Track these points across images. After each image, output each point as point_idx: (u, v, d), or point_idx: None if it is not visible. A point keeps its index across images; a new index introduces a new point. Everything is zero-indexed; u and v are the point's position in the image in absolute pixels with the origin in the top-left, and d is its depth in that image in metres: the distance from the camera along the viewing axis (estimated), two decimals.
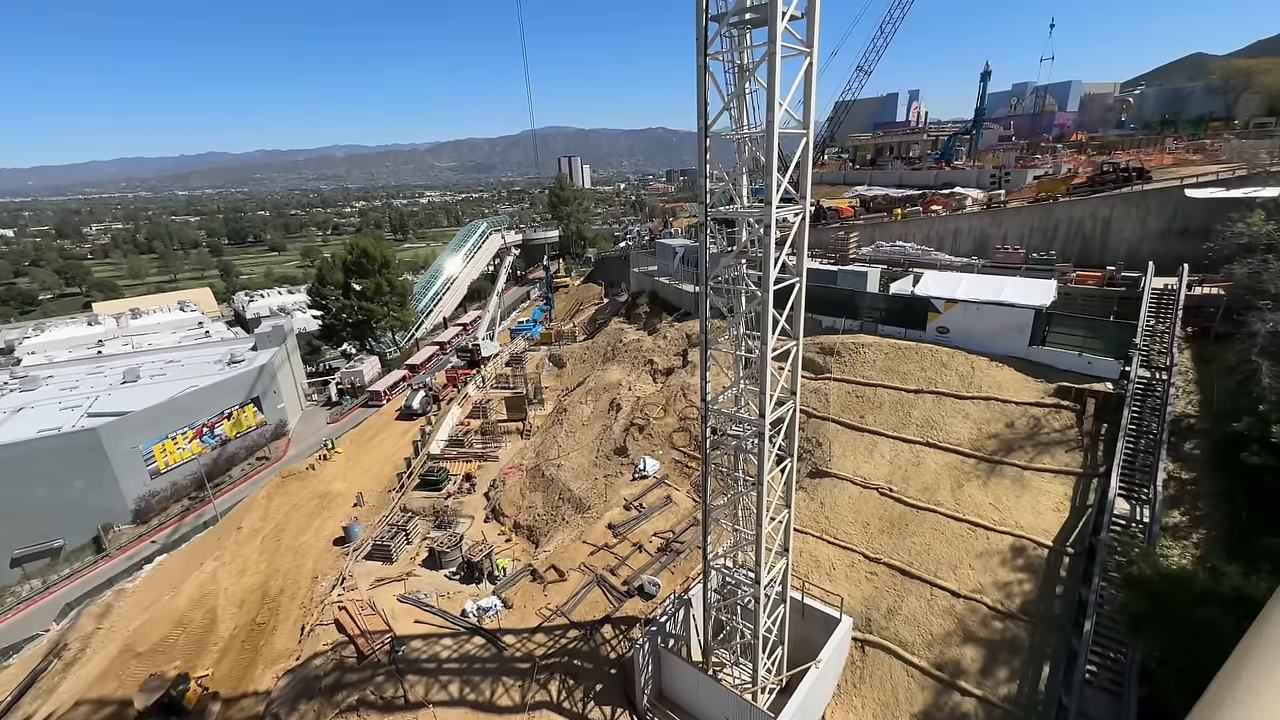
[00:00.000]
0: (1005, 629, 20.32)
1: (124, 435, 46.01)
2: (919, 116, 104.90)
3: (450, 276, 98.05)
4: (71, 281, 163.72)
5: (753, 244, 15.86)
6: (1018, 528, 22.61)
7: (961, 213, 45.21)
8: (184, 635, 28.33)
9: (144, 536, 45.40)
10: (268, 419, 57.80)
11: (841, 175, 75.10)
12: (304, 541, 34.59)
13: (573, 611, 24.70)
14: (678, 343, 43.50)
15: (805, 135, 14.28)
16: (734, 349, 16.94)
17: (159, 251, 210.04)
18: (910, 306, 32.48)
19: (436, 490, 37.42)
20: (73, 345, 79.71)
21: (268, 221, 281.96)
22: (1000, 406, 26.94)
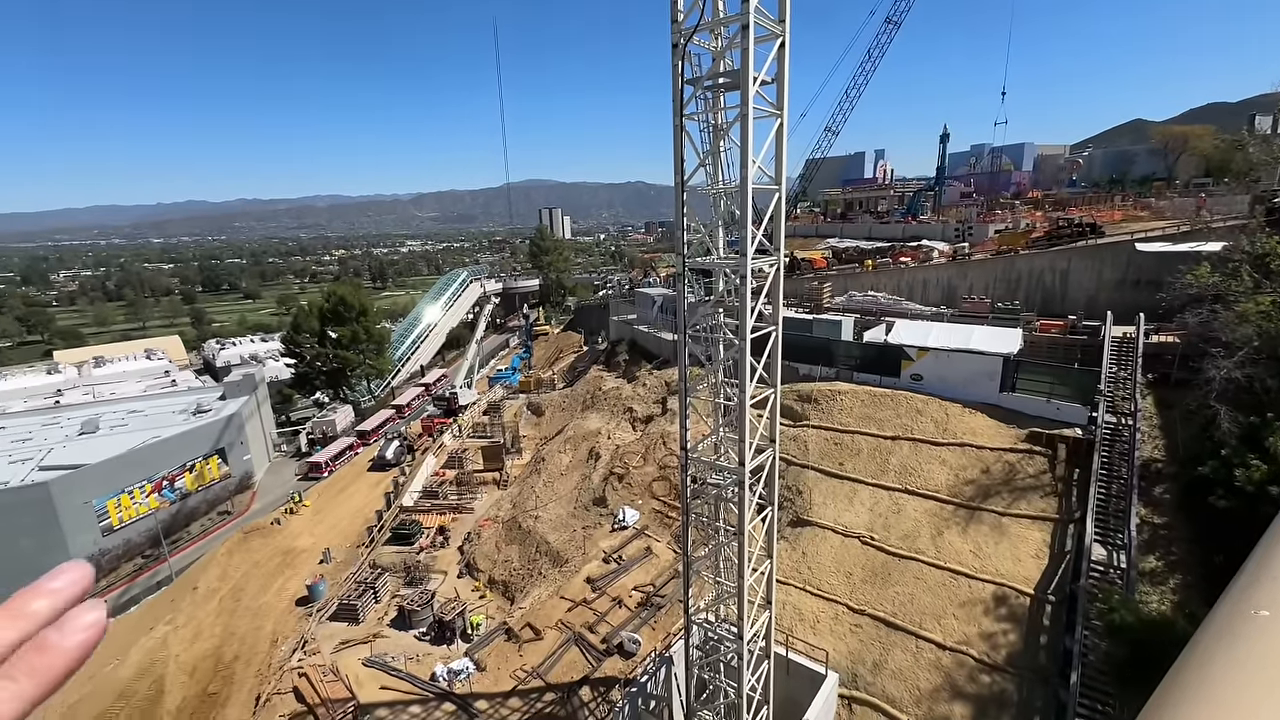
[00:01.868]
0: (993, 682, 19.90)
1: (76, 490, 43.67)
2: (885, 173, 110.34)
3: (429, 324, 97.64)
4: (33, 329, 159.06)
5: (730, 293, 16.19)
6: (998, 575, 22.51)
7: (929, 264, 46.99)
8: (126, 709, 26.24)
9: (92, 598, 42.50)
10: (233, 471, 55.60)
11: (814, 228, 77.96)
12: (264, 602, 32.78)
13: (549, 673, 23.59)
14: (657, 390, 43.56)
15: (777, 190, 14.89)
16: (713, 396, 17.02)
17: (128, 299, 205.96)
18: (884, 354, 33.19)
19: (408, 544, 36.06)
20: (29, 395, 76.54)
21: (244, 269, 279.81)
22: (975, 452, 27.28)
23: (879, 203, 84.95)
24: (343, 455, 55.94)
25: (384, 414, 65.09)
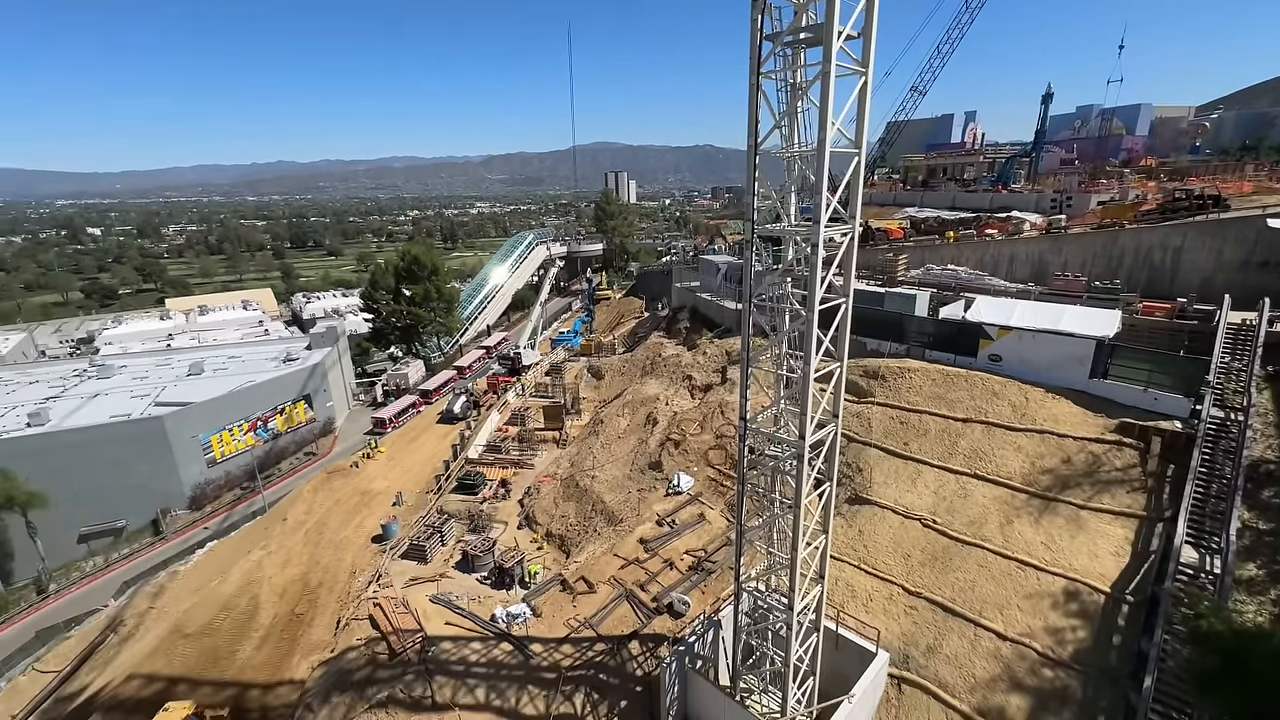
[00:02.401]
0: (1055, 678, 19.13)
1: (186, 425, 48.60)
2: (975, 138, 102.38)
3: (496, 285, 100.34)
4: (149, 278, 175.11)
5: (799, 263, 15.69)
6: (1071, 570, 21.36)
7: (1019, 237, 43.66)
8: (229, 620, 29.47)
9: (198, 522, 47.69)
10: (317, 416, 60.11)
11: (892, 196, 73.68)
12: (344, 536, 35.62)
13: (601, 625, 24.58)
14: (717, 359, 43.23)
15: (856, 155, 14.13)
16: (775, 368, 16.73)
17: (228, 253, 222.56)
18: (961, 332, 31.43)
19: (472, 494, 38.04)
20: (146, 338, 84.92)
21: (328, 227, 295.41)
22: (1056, 441, 25.65)
23: (966, 169, 79.07)
24: (405, 412, 58.84)
25: (446, 374, 67.77)
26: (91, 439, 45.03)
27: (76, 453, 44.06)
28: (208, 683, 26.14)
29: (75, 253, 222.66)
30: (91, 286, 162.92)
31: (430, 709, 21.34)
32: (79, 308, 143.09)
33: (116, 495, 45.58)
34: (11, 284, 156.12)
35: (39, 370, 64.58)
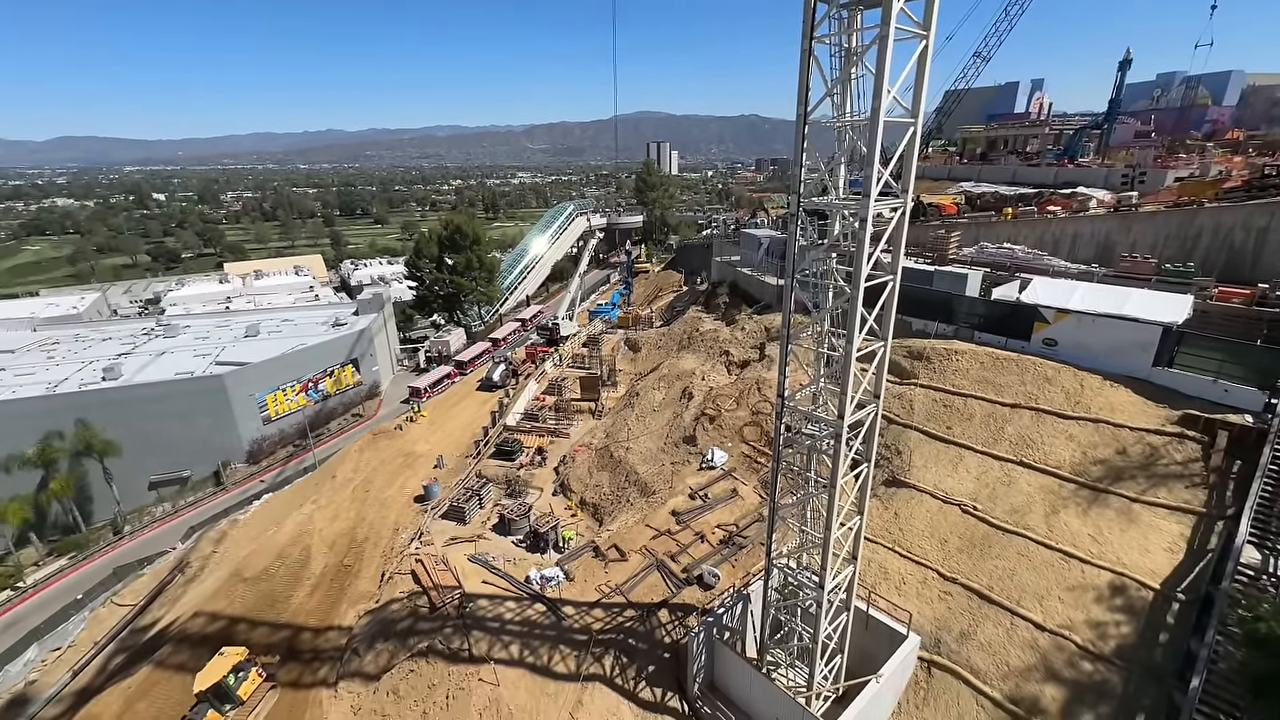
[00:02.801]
0: (1095, 671, 18.66)
1: (244, 383, 51.25)
2: (1041, 108, 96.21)
3: (536, 256, 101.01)
4: (209, 243, 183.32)
5: (845, 238, 15.22)
6: (1119, 564, 20.60)
7: (1083, 215, 41.14)
8: (283, 567, 31.38)
9: (255, 475, 50.60)
10: (364, 379, 62.46)
11: (947, 170, 70.24)
12: (389, 495, 37.20)
13: (631, 592, 25.13)
14: (756, 335, 42.68)
15: (912, 125, 13.48)
16: (816, 346, 16.40)
17: (281, 219, 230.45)
18: (1014, 314, 30.09)
19: (510, 460, 39.04)
20: (206, 300, 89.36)
21: (374, 196, 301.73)
22: (1111, 430, 24.51)
23: (1029, 142, 74.51)
24: (440, 382, 59.20)
25: (481, 345, 68.35)
26: (160, 394, 48.03)
27: (146, 406, 47.11)
28: (265, 624, 28.01)
29: (142, 217, 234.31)
30: (157, 250, 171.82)
31: (467, 661, 22.37)
32: (146, 270, 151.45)
33: (182, 447, 48.72)
34: (86, 246, 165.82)
35: (111, 328, 68.86)
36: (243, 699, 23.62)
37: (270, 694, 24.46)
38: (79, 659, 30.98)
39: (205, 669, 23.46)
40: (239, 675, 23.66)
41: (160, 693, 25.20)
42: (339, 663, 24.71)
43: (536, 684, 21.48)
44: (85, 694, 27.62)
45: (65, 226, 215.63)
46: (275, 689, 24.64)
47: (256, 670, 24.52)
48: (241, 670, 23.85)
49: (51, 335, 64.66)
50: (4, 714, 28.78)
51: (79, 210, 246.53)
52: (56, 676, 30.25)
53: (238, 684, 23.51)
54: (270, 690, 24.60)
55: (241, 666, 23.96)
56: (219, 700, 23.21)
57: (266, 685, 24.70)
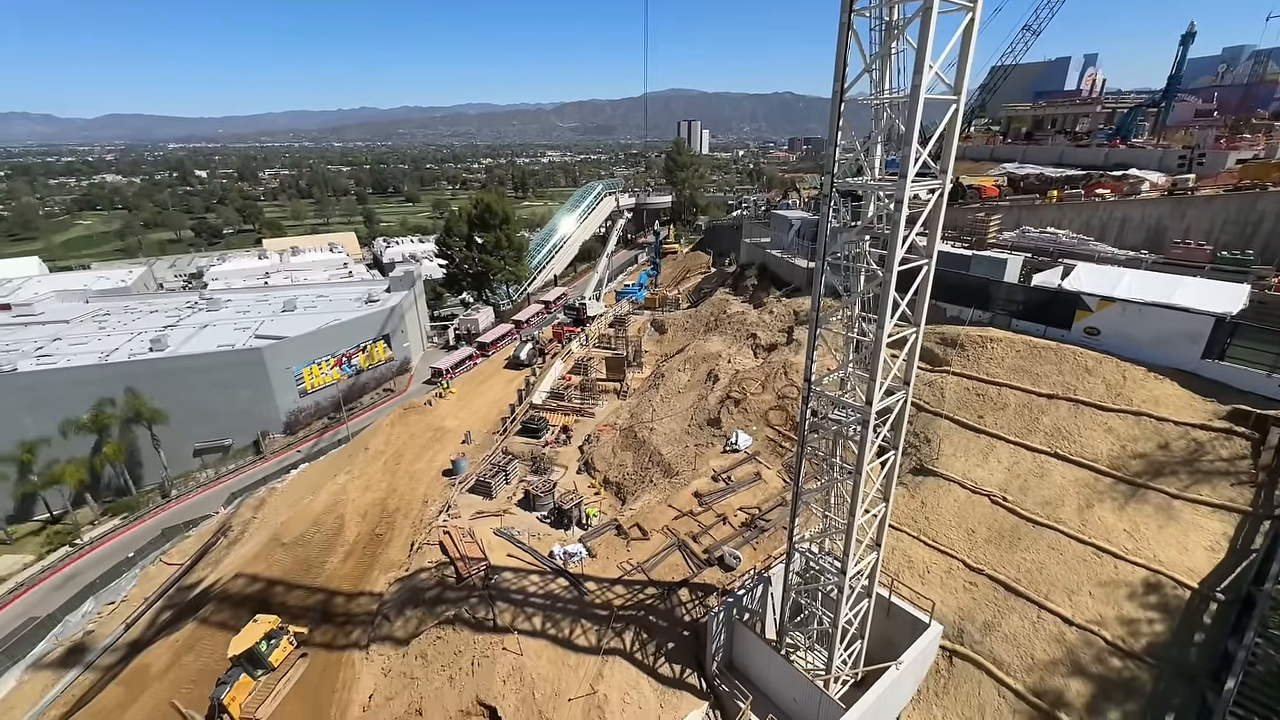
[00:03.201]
0: (1124, 668, 18.29)
1: (281, 357, 52.88)
2: (1094, 85, 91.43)
3: (564, 236, 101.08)
4: (248, 219, 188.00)
5: (879, 220, 14.84)
6: (1155, 561, 20.02)
7: (1134, 198, 39.25)
8: (319, 534, 32.60)
9: (292, 445, 52.43)
10: (395, 355, 63.82)
11: (989, 150, 67.57)
12: (418, 468, 38.20)
13: (652, 570, 25.46)
14: (784, 319, 42.17)
15: (954, 103, 12.98)
16: (846, 330, 16.14)
17: (316, 197, 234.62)
18: (1055, 302, 29.05)
19: (536, 438, 39.64)
20: (246, 275, 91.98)
21: (406, 174, 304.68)
22: (1154, 424, 23.64)
23: (1079, 121, 70.99)
24: (462, 364, 59.58)
25: (504, 328, 68.37)
26: (203, 365, 49.92)
27: (191, 376, 49.04)
28: (301, 587, 29.23)
29: (185, 193, 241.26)
30: (200, 226, 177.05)
31: (492, 630, 23.05)
32: (189, 245, 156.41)
33: (224, 416, 50.70)
34: (134, 221, 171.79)
35: (158, 301, 71.57)
36: (274, 665, 24.22)
37: (300, 661, 25.11)
38: (131, 613, 32.90)
39: (239, 634, 24.07)
40: (271, 642, 24.23)
41: (205, 647, 26.62)
42: (370, 626, 25.71)
43: (558, 655, 22.03)
44: (137, 645, 29.38)
45: (114, 202, 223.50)
46: (305, 657, 25.31)
47: (288, 638, 25.09)
48: (274, 637, 24.44)
49: (103, 307, 67.54)
50: (66, 660, 30.84)
51: (127, 186, 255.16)
52: (111, 628, 32.21)
53: (269, 650, 24.07)
54: (300, 658, 25.25)
55: (274, 634, 24.53)
56: (251, 664, 23.81)
57: (297, 653, 25.32)
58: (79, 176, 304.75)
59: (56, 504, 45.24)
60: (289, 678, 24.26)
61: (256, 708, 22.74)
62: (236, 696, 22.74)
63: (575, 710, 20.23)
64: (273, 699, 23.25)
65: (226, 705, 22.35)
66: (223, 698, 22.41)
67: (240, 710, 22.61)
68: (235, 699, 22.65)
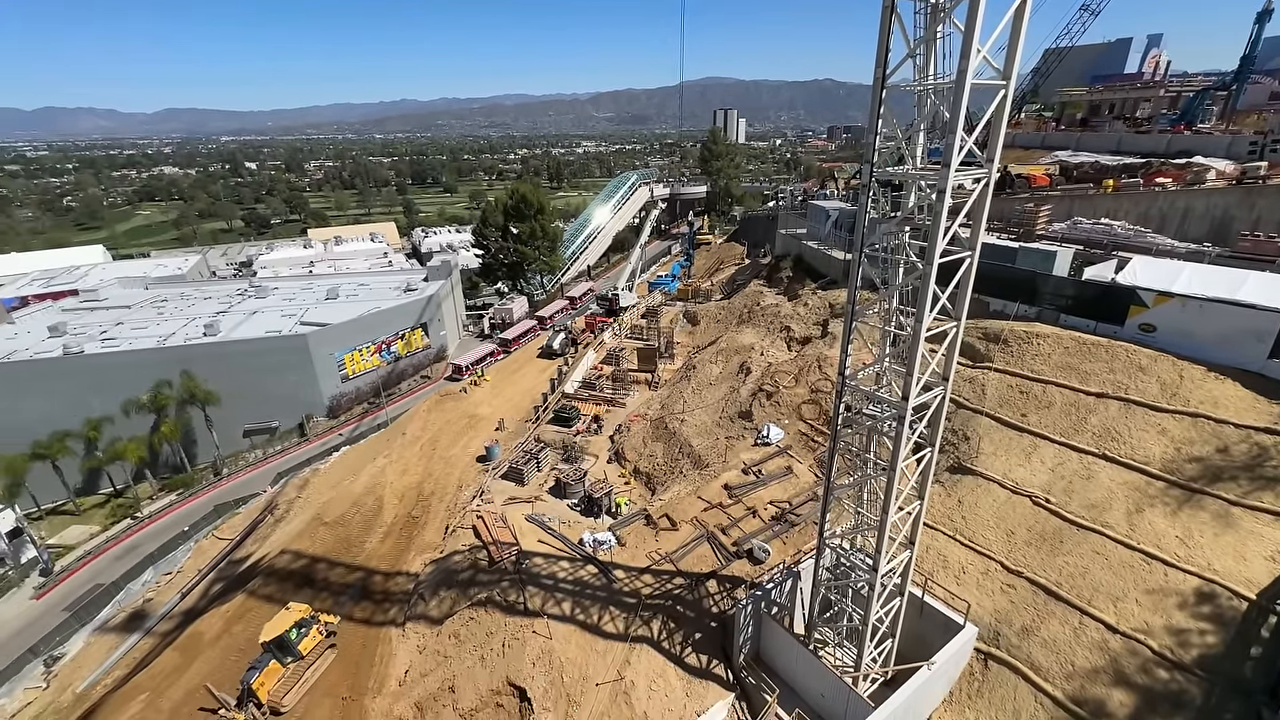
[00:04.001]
0: (1171, 680, 17.56)
1: (325, 343, 54.75)
2: (1157, 67, 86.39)
3: (598, 226, 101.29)
4: (294, 210, 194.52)
5: (920, 210, 14.41)
6: (1210, 570, 19.10)
7: (1199, 188, 37.06)
8: (358, 515, 33.81)
9: (334, 429, 54.35)
10: (432, 343, 65.32)
11: (1040, 137, 64.66)
12: (453, 454, 39.13)
13: (681, 561, 25.55)
14: (819, 311, 41.46)
15: (1003, 88, 12.46)
16: (883, 324, 15.78)
17: (358, 188, 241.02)
18: (1107, 296, 27.76)
19: (567, 427, 40.09)
20: (292, 264, 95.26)
21: (444, 165, 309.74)
22: (1213, 427, 22.45)
23: (1139, 106, 67.26)
24: (483, 360, 59.29)
25: (526, 324, 67.74)
26: (252, 350, 52.09)
27: (241, 360, 51.25)
28: (342, 564, 30.42)
29: (236, 185, 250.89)
30: (250, 216, 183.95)
31: (522, 614, 23.55)
32: (240, 234, 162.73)
33: (271, 400, 52.88)
34: (189, 212, 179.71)
35: (211, 288, 74.85)
36: (303, 654, 24.45)
37: (329, 652, 25.32)
38: (186, 583, 34.83)
39: (271, 621, 24.29)
40: (301, 631, 24.46)
41: (253, 617, 28.00)
42: (407, 605, 26.59)
43: (586, 640, 22.38)
44: (191, 614, 31.12)
45: (171, 193, 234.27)
46: (334, 648, 25.54)
47: (318, 628, 25.32)
48: (304, 626, 24.66)
49: (161, 293, 71.02)
50: (128, 625, 32.88)
51: (183, 178, 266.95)
52: (168, 597, 34.17)
53: (299, 639, 24.31)
54: (329, 648, 25.43)
55: (304, 623, 24.73)
56: (281, 652, 24.08)
57: (326, 642, 25.47)
58: (139, 169, 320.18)
59: (119, 479, 48.07)
60: (316, 666, 24.62)
61: (284, 694, 23.17)
62: (265, 682, 23.10)
63: (603, 695, 20.54)
64: (300, 687, 23.69)
65: (255, 690, 22.75)
66: (252, 682, 22.84)
67: (268, 696, 22.95)
68: (264, 684, 23.03)
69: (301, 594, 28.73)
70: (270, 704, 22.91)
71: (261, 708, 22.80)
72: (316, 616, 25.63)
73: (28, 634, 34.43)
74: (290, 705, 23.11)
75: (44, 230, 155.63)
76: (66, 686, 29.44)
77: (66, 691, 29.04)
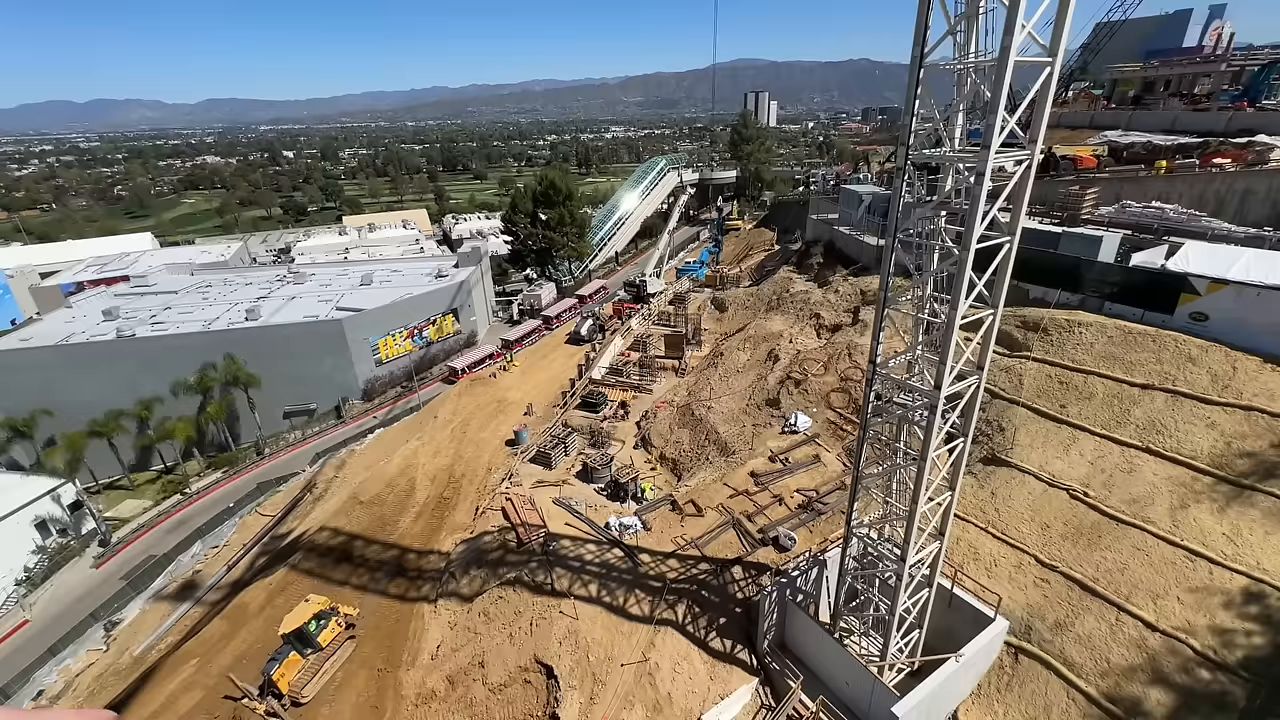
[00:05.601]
0: (1213, 680, 17.02)
1: (359, 328, 56.14)
2: (1219, 40, 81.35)
3: (626, 212, 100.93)
4: (330, 197, 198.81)
5: (958, 194, 13.99)
6: (1259, 569, 18.36)
7: (1260, 169, 35.03)
8: (392, 495, 34.84)
9: (369, 411, 55.89)
10: (463, 328, 66.36)
11: (1088, 116, 61.74)
12: (483, 437, 39.90)
13: (706, 546, 25.69)
14: (850, 298, 40.72)
15: (1049, 64, 11.95)
16: (916, 311, 15.45)
17: (391, 175, 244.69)
18: (1156, 284, 26.59)
19: (594, 412, 40.43)
20: (328, 250, 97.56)
21: (474, 152, 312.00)
22: (1267, 421, 21.44)
23: (1197, 82, 63.55)
24: (482, 363, 58.72)
25: (531, 324, 66.17)
26: (291, 334, 53.76)
27: (280, 344, 52.97)
28: (377, 542, 31.46)
29: (275, 173, 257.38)
30: (288, 204, 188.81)
31: (549, 594, 24.05)
32: (279, 222, 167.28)
33: (309, 382, 54.59)
34: (231, 200, 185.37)
35: (251, 274, 77.26)
36: (322, 645, 24.56)
37: (349, 643, 25.48)
38: (232, 556, 36.50)
39: (291, 613, 24.44)
40: (320, 623, 24.55)
41: (294, 590, 29.23)
42: (439, 583, 27.39)
43: (612, 622, 22.75)
44: (237, 585, 32.64)
45: (214, 182, 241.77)
46: (354, 639, 25.72)
47: (336, 620, 25.29)
48: (324, 618, 24.74)
49: (205, 279, 73.66)
50: (179, 595, 34.70)
51: (224, 167, 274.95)
52: (215, 569, 35.89)
53: (318, 630, 24.40)
54: (349, 639, 25.58)
55: (324, 615, 24.81)
56: (301, 643, 24.15)
57: (345, 634, 25.52)
58: (184, 158, 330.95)
59: (169, 456, 50.46)
60: (337, 657, 24.82)
61: (304, 686, 23.41)
62: (285, 674, 23.26)
63: (627, 675, 20.91)
64: (319, 678, 23.94)
65: (275, 681, 22.93)
66: (272, 673, 23.01)
67: (289, 687, 23.18)
68: (284, 675, 23.19)
69: (340, 569, 29.86)
70: (291, 695, 23.13)
71: (282, 698, 23.03)
72: (336, 609, 25.66)
73: (88, 600, 36.67)
74: (310, 696, 23.33)
75: (97, 219, 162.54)
76: (125, 650, 31.30)
77: (125, 654, 30.87)
